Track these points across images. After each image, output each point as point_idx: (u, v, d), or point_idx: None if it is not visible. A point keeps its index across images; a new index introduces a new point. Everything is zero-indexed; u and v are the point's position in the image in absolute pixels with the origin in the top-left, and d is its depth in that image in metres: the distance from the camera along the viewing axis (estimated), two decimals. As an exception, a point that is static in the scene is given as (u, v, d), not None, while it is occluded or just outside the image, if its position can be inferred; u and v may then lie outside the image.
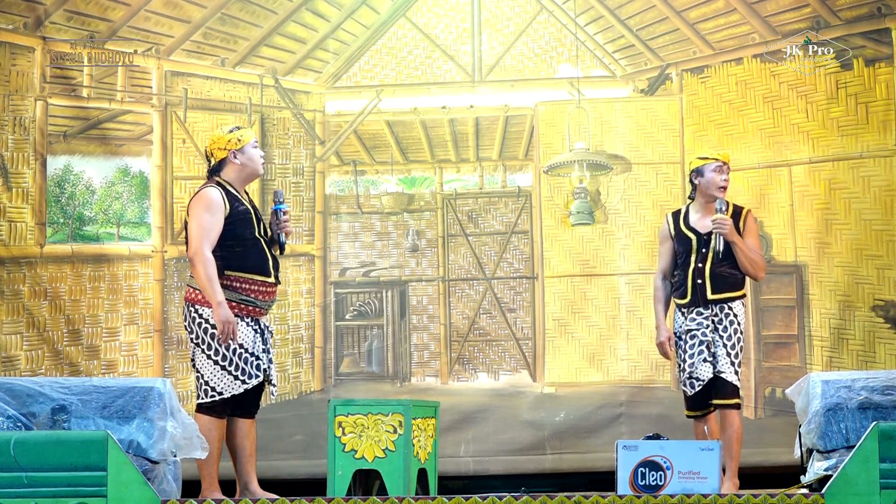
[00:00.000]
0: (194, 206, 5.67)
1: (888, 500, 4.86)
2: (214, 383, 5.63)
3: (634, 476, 5.21)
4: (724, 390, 6.23)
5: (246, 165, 5.78)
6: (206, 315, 5.63)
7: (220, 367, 5.62)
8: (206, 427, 5.57)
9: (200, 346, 5.65)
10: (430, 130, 8.63)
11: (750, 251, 6.26)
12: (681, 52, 8.45)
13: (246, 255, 5.68)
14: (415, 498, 5.13)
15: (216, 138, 5.80)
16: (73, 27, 8.32)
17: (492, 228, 8.55)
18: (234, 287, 5.65)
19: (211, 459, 5.60)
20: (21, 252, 8.15)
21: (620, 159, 8.41)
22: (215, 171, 5.79)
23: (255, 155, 5.81)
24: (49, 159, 8.27)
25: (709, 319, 6.27)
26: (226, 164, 5.77)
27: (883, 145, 8.08)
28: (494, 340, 8.45)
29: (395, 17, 8.61)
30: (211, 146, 5.80)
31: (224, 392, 5.62)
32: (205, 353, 5.64)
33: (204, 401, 5.66)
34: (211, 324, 5.61)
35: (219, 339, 5.57)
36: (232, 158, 5.75)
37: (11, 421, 5.37)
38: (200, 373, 5.66)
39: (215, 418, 5.66)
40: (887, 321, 7.99)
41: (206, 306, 5.62)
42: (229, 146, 5.75)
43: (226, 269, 5.64)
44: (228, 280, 5.64)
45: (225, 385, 5.62)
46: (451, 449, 7.86)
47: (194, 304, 5.66)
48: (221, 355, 5.61)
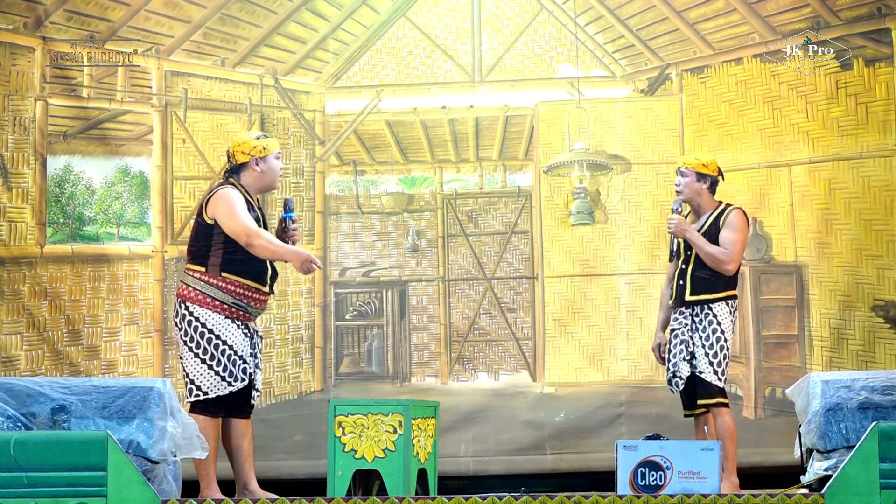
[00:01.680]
0: (219, 205, 5.63)
1: (888, 500, 4.86)
2: (199, 382, 5.64)
3: (634, 476, 5.22)
4: (706, 390, 6.26)
5: (265, 174, 5.76)
6: (198, 314, 5.64)
7: (207, 367, 5.63)
8: (202, 426, 5.55)
9: (189, 344, 5.66)
10: (430, 130, 8.63)
11: (706, 246, 6.26)
12: (681, 52, 8.45)
13: (246, 262, 5.67)
14: (415, 498, 5.13)
15: (242, 142, 5.76)
16: (73, 27, 8.32)
17: (492, 228, 8.55)
18: (227, 290, 5.65)
19: (208, 459, 5.60)
20: (21, 252, 8.15)
21: (620, 159, 8.41)
22: (233, 172, 5.77)
23: (276, 166, 5.79)
24: (49, 159, 8.27)
25: (689, 319, 6.32)
26: (245, 168, 5.75)
27: (883, 145, 8.08)
28: (494, 340, 8.46)
29: (395, 17, 8.61)
30: (234, 148, 5.76)
31: (209, 392, 5.62)
32: (192, 351, 5.65)
33: (194, 399, 5.66)
34: (201, 322, 5.62)
35: (306, 269, 5.56)
36: (253, 165, 5.73)
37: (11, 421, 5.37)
38: (186, 371, 5.67)
39: (210, 417, 5.66)
40: (887, 321, 7.99)
41: (198, 304, 5.63)
42: (253, 152, 5.73)
43: (223, 272, 5.64)
44: (223, 282, 5.64)
45: (210, 385, 5.62)
46: (451, 449, 7.86)
47: (186, 301, 5.67)
48: (210, 355, 5.62)
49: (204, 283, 5.66)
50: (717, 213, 6.36)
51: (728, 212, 6.35)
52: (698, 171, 6.39)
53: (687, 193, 6.40)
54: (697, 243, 6.28)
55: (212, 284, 5.65)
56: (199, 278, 5.67)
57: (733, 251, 6.27)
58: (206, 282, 5.65)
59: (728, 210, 6.36)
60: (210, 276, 5.66)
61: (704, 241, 6.28)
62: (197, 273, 5.68)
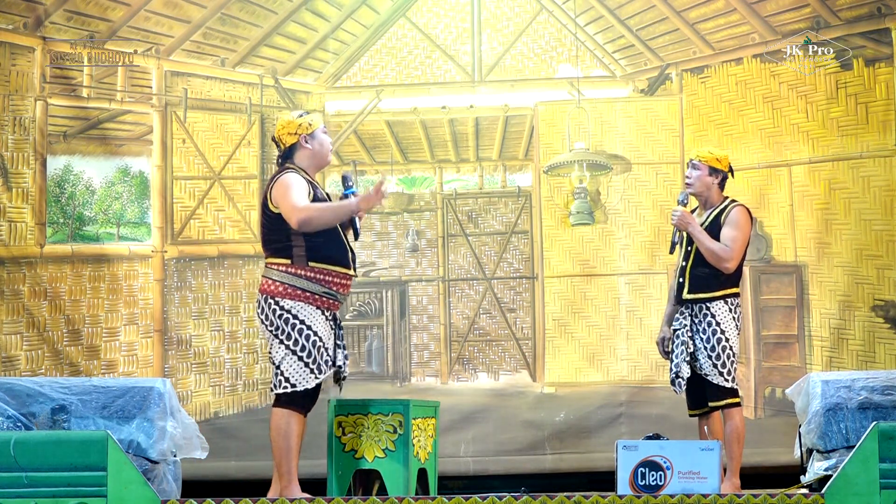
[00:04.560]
0: (276, 192, 5.48)
1: (888, 500, 4.86)
2: (289, 374, 5.44)
3: (634, 476, 5.22)
4: (714, 393, 6.17)
5: (317, 151, 5.62)
6: (289, 306, 5.45)
7: (298, 358, 5.44)
8: (284, 421, 5.43)
9: (280, 336, 5.46)
10: (430, 130, 8.64)
11: (707, 241, 6.15)
12: (681, 52, 8.46)
13: (328, 246, 5.52)
14: (415, 498, 5.14)
15: (285, 123, 5.62)
16: (73, 27, 8.32)
17: (492, 228, 8.55)
18: (318, 279, 5.48)
19: (290, 455, 5.44)
20: (21, 252, 8.15)
21: (620, 159, 8.41)
22: (286, 158, 5.63)
23: (325, 140, 5.66)
24: (49, 159, 8.27)
25: (688, 319, 6.23)
26: (297, 149, 5.60)
27: (883, 145, 8.08)
28: (494, 340, 8.46)
29: (395, 17, 8.61)
30: (280, 132, 5.63)
31: (297, 385, 5.43)
32: (284, 343, 5.45)
33: (281, 391, 5.47)
34: (293, 314, 5.44)
35: (379, 199, 5.52)
36: (303, 143, 5.59)
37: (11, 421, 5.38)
38: (277, 364, 5.48)
39: (294, 412, 5.47)
40: (887, 321, 8.00)
41: (287, 298, 5.45)
42: (300, 130, 5.59)
43: (310, 261, 5.47)
44: (312, 272, 5.47)
45: (299, 377, 5.44)
46: (451, 449, 7.86)
47: (274, 296, 5.48)
48: (301, 346, 5.44)
49: (291, 275, 5.47)
50: (720, 209, 6.26)
51: (731, 208, 6.25)
52: (711, 164, 6.28)
53: (697, 187, 6.28)
54: (699, 238, 6.18)
55: (300, 276, 5.47)
56: (286, 271, 5.48)
57: (733, 248, 6.16)
58: (294, 274, 5.47)
59: (731, 206, 6.25)
60: (297, 267, 5.48)
61: (706, 237, 6.18)
62: (282, 266, 5.49)
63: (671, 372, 6.26)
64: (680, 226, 6.23)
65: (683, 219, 6.21)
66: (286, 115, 5.84)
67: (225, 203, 8.42)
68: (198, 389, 8.28)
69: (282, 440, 5.44)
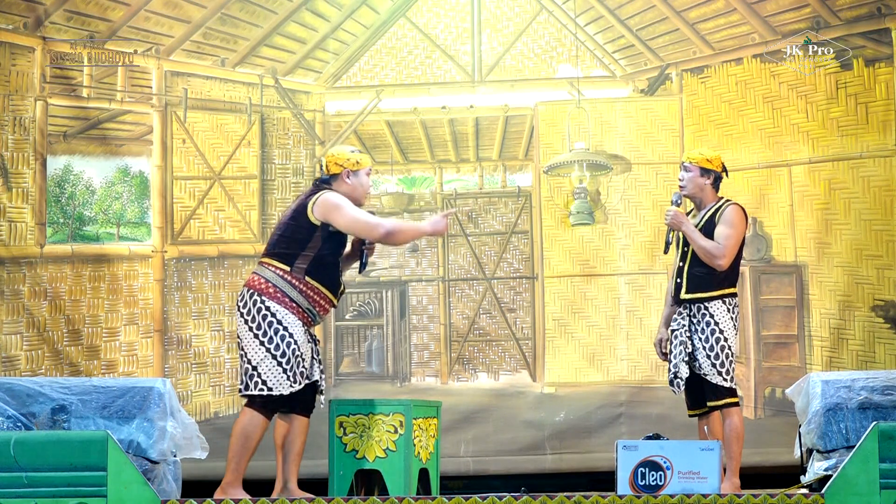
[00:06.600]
0: (333, 207, 5.65)
1: (888, 500, 4.87)
2: (267, 376, 5.52)
3: (634, 476, 5.22)
4: (713, 392, 6.17)
5: (355, 189, 5.79)
6: (274, 310, 5.57)
7: (276, 363, 5.53)
8: (251, 423, 5.52)
9: (256, 331, 5.57)
10: (430, 130, 8.64)
11: (700, 239, 6.18)
12: (681, 52, 8.46)
13: (329, 272, 5.68)
14: (415, 498, 5.14)
15: (337, 153, 5.82)
16: (73, 27, 8.32)
17: (492, 228, 8.56)
18: (307, 295, 5.62)
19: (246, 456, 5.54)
20: (21, 252, 8.15)
21: (620, 159, 8.41)
22: (324, 182, 5.80)
23: (366, 182, 5.84)
24: (49, 159, 8.27)
25: (686, 319, 6.25)
26: (336, 179, 5.78)
27: (883, 145, 8.08)
28: (494, 340, 8.46)
29: (395, 17, 8.61)
30: (329, 159, 5.81)
31: (273, 388, 5.51)
32: (259, 339, 5.56)
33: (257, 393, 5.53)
34: (277, 319, 5.55)
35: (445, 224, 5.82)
36: (345, 177, 5.77)
37: (11, 421, 5.38)
38: (253, 363, 5.55)
39: (263, 416, 5.56)
40: (887, 321, 8.00)
41: (275, 301, 5.57)
42: (346, 164, 5.78)
43: (307, 275, 5.62)
44: (306, 286, 5.61)
45: (276, 381, 5.52)
46: (451, 449, 7.86)
47: (262, 294, 5.60)
48: (281, 351, 5.53)
49: (285, 281, 5.59)
50: (714, 209, 6.28)
51: (724, 207, 6.27)
52: (702, 166, 6.32)
53: (690, 188, 6.33)
54: (692, 237, 6.22)
55: (293, 286, 5.60)
56: (282, 276, 5.60)
57: (726, 246, 6.18)
58: (288, 281, 5.60)
59: (725, 205, 6.28)
60: (293, 277, 5.61)
61: (699, 235, 6.21)
62: (279, 270, 5.61)
63: (669, 372, 6.27)
64: (673, 225, 6.27)
65: (676, 218, 6.25)
66: (341, 146, 6.05)
67: (225, 203, 8.42)
68: (198, 389, 8.29)
69: (243, 440, 5.54)
